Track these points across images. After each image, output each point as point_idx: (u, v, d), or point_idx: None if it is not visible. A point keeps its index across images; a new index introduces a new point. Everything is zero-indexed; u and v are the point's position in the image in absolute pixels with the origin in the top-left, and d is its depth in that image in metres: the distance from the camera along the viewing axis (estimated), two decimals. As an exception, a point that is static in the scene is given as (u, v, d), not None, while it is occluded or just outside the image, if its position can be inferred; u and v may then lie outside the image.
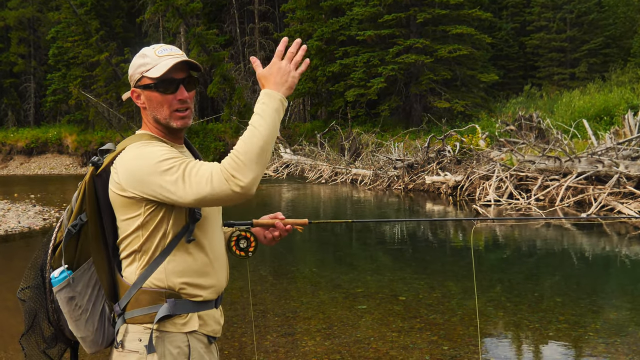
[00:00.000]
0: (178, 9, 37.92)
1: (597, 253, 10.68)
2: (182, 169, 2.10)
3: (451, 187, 18.63)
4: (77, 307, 2.30)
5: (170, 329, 2.27)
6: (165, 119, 2.33)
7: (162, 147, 2.20)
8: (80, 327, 2.31)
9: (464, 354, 5.64)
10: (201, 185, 2.07)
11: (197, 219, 2.30)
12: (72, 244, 2.33)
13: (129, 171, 2.17)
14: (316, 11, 37.54)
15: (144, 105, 2.36)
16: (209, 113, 44.95)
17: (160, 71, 2.28)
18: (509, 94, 39.38)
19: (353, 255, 11.27)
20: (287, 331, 6.49)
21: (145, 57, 2.36)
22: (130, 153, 2.22)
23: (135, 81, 2.36)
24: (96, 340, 2.36)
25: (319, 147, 31.83)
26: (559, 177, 15.75)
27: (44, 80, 51.57)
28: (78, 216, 2.32)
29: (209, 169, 2.09)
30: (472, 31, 33.00)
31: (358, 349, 5.86)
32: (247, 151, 2.10)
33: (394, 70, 32.43)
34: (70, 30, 44.66)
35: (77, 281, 2.31)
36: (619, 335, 6.08)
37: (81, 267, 2.33)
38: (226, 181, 2.06)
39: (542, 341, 6.12)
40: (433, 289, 8.19)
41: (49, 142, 46.82)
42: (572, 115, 26.92)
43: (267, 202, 20.95)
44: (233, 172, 2.06)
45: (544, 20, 43.30)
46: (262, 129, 2.14)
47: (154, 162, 2.13)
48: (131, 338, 2.26)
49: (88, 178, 2.30)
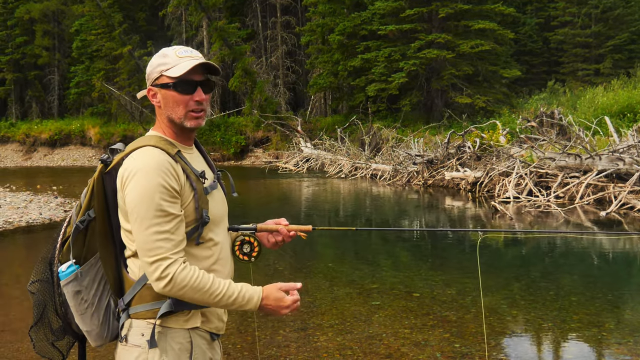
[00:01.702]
0: (200, 3, 37.97)
1: (616, 252, 10.59)
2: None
3: (470, 183, 18.55)
4: (83, 301, 2.35)
5: (172, 325, 2.31)
6: (180, 119, 2.37)
7: (161, 181, 2.24)
8: (85, 321, 2.36)
9: (475, 352, 5.65)
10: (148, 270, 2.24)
11: (206, 222, 2.35)
12: (80, 239, 2.39)
13: (129, 195, 2.24)
14: (338, 5, 37.43)
15: (160, 104, 2.40)
16: (230, 107, 45.06)
17: (180, 71, 2.32)
18: (532, 90, 39.05)
19: (370, 251, 11.27)
20: (300, 326, 6.53)
21: (166, 57, 2.39)
22: (134, 166, 2.25)
23: (153, 80, 2.40)
24: (101, 334, 2.40)
25: (339, 141, 31.81)
26: (579, 174, 15.62)
27: (67, 73, 51.97)
28: (86, 212, 2.38)
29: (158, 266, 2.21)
30: (495, 26, 32.72)
31: (369, 345, 5.88)
32: (196, 292, 2.24)
33: (415, 65, 32.27)
34: (93, 23, 44.95)
35: (84, 276, 2.36)
36: (633, 335, 6.05)
37: (88, 262, 2.38)
38: (160, 282, 2.20)
39: (554, 340, 6.11)
40: (448, 285, 8.18)
41: (72, 134, 47.20)
42: (594, 112, 26.60)
43: (287, 196, 21.03)
44: (171, 288, 2.21)
45: (568, 16, 42.86)
46: (214, 300, 2.29)
47: (150, 214, 2.21)
48: (134, 333, 2.31)
49: (97, 175, 2.35)
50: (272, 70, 43.94)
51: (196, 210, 2.32)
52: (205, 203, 2.36)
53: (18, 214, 15.75)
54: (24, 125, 50.04)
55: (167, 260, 2.17)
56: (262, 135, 39.06)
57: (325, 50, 38.51)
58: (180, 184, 2.28)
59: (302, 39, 41.43)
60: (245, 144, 39.33)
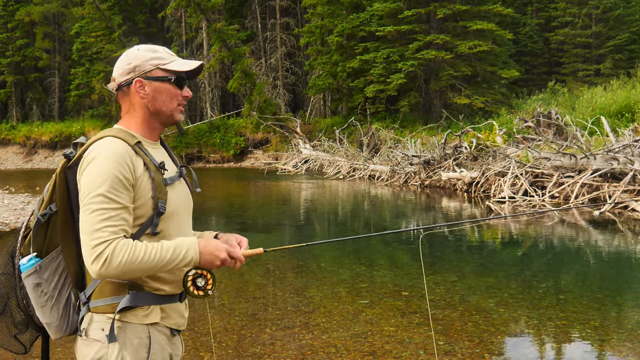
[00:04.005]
0: (199, 5, 38.04)
1: (606, 251, 10.60)
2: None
3: (467, 184, 18.58)
4: (43, 293, 2.36)
5: (131, 320, 2.33)
6: (171, 111, 2.47)
7: (114, 171, 2.25)
8: (45, 313, 2.38)
9: (458, 349, 5.67)
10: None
11: (161, 212, 2.36)
12: (42, 232, 2.40)
13: (82, 181, 2.27)
14: (337, 7, 37.50)
15: (146, 96, 2.44)
16: (229, 108, 45.13)
17: (185, 67, 2.48)
18: (533, 91, 39.08)
19: (361, 251, 11.29)
20: (287, 324, 6.55)
21: (157, 51, 2.49)
22: (91, 155, 2.29)
23: (144, 71, 2.44)
24: (60, 327, 2.41)
25: (338, 142, 31.85)
26: (574, 174, 15.64)
27: (68, 75, 52.08)
28: (48, 206, 2.39)
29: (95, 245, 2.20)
30: (493, 27, 32.76)
31: (354, 343, 5.91)
32: (134, 262, 2.20)
33: (413, 66, 32.33)
34: (93, 25, 45.10)
35: (44, 268, 2.37)
36: (617, 333, 6.07)
37: (49, 255, 2.39)
38: (95, 264, 2.17)
39: (539, 338, 6.14)
40: (437, 284, 8.20)
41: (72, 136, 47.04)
42: (593, 112, 26.63)
43: (286, 198, 21.06)
44: (106, 268, 2.18)
45: (569, 16, 42.93)
46: (155, 262, 2.24)
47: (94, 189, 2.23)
48: (95, 327, 2.33)
49: (60, 170, 2.37)
50: (272, 72, 43.97)
51: (153, 200, 2.34)
52: (163, 194, 2.38)
53: (15, 215, 15.79)
54: (25, 128, 50.08)
55: (105, 243, 2.17)
56: (262, 137, 39.10)
57: (324, 51, 38.58)
58: (135, 176, 2.30)
59: (301, 41, 41.51)
60: (245, 146, 39.36)
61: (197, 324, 6.40)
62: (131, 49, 2.53)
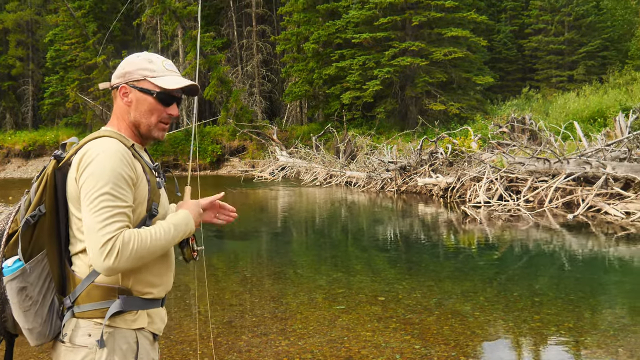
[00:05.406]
0: (175, 12, 37.90)
1: (580, 254, 10.70)
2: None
3: (443, 189, 18.67)
4: (27, 297, 2.28)
5: (120, 325, 2.32)
6: (149, 127, 2.45)
7: (119, 169, 2.26)
8: (28, 318, 2.30)
9: (434, 353, 5.69)
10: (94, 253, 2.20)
11: (154, 215, 2.38)
12: (28, 234, 2.33)
13: (85, 178, 2.25)
14: (313, 14, 37.61)
15: (130, 103, 2.43)
16: (206, 116, 44.96)
17: (171, 85, 2.43)
18: (507, 96, 39.47)
19: (338, 257, 11.30)
20: (263, 331, 6.53)
21: (152, 62, 2.45)
22: (93, 152, 2.28)
23: (132, 79, 2.43)
24: (43, 333, 2.33)
25: (314, 149, 31.88)
26: (548, 178, 15.80)
27: (41, 83, 51.60)
28: (37, 207, 2.32)
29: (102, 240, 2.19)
30: (468, 34, 33.02)
31: (330, 349, 5.90)
32: (144, 245, 2.22)
33: (389, 73, 32.47)
34: (67, 33, 44.71)
35: (30, 272, 2.31)
36: (590, 334, 6.14)
37: (35, 258, 2.31)
38: (108, 260, 2.16)
39: (514, 339, 6.18)
40: (414, 289, 8.22)
41: (46, 145, 46.67)
42: (566, 117, 26.96)
43: (263, 205, 21.00)
44: (119, 259, 2.17)
45: (542, 23, 43.45)
46: (163, 241, 2.28)
47: (98, 188, 2.22)
48: (81, 333, 2.30)
49: (50, 171, 2.33)
50: (248, 79, 43.93)
51: (147, 202, 2.35)
52: (157, 197, 2.41)
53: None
54: (-3, 137, 49.52)
55: (112, 239, 2.16)
56: (238, 144, 38.99)
57: (300, 58, 38.63)
58: (136, 175, 2.31)
59: (278, 48, 41.52)
60: (222, 153, 39.20)
61: (172, 332, 6.37)
62: (132, 55, 2.52)
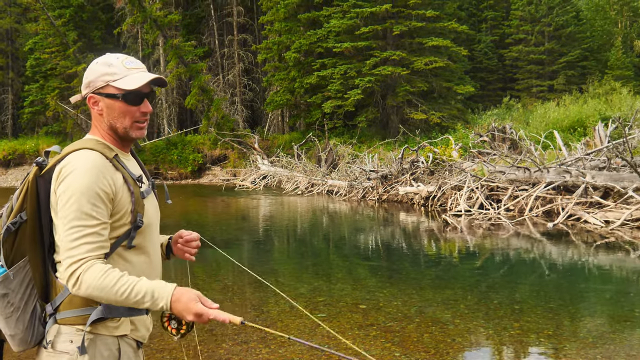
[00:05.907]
0: (156, 21, 37.81)
1: (559, 262, 10.78)
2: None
3: (424, 198, 18.73)
4: (9, 304, 2.30)
5: (102, 332, 2.31)
6: (125, 129, 2.41)
7: (94, 185, 2.24)
8: (10, 325, 2.31)
9: (415, 360, 5.70)
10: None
11: (139, 226, 2.37)
12: (10, 241, 2.34)
13: (60, 193, 2.24)
14: (294, 23, 37.71)
15: (102, 112, 2.41)
16: (187, 125, 44.85)
17: (134, 84, 2.37)
18: (488, 106, 39.77)
19: (319, 265, 11.30)
20: (244, 339, 6.51)
21: (112, 66, 2.40)
22: (70, 166, 2.26)
23: (96, 88, 2.40)
24: (25, 339, 2.34)
25: (296, 158, 31.89)
26: (528, 187, 15.91)
27: (21, 92, 51.17)
28: (18, 214, 2.33)
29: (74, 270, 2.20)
30: (449, 43, 33.27)
31: (311, 356, 5.89)
32: (101, 290, 2.18)
33: (370, 82, 32.60)
34: (47, 41, 44.40)
35: (13, 278, 2.31)
36: (569, 341, 6.17)
37: (17, 265, 2.33)
38: (69, 282, 2.20)
39: (494, 346, 6.20)
40: (395, 297, 8.23)
41: (26, 154, 46.26)
42: (546, 126, 27.21)
43: (244, 214, 20.95)
44: (78, 287, 2.19)
45: (522, 33, 43.91)
46: (121, 297, 2.19)
47: (76, 208, 2.21)
48: (63, 339, 2.29)
49: (32, 178, 2.32)
50: (229, 88, 43.89)
51: (132, 214, 2.34)
52: (141, 207, 2.39)
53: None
54: (-23, 146, 49.01)
55: (80, 261, 2.17)
56: (220, 153, 38.88)
57: (281, 67, 38.68)
58: (114, 189, 2.29)
59: (259, 57, 41.52)
60: (203, 162, 39.05)
61: (153, 341, 6.32)
62: (92, 62, 2.47)
